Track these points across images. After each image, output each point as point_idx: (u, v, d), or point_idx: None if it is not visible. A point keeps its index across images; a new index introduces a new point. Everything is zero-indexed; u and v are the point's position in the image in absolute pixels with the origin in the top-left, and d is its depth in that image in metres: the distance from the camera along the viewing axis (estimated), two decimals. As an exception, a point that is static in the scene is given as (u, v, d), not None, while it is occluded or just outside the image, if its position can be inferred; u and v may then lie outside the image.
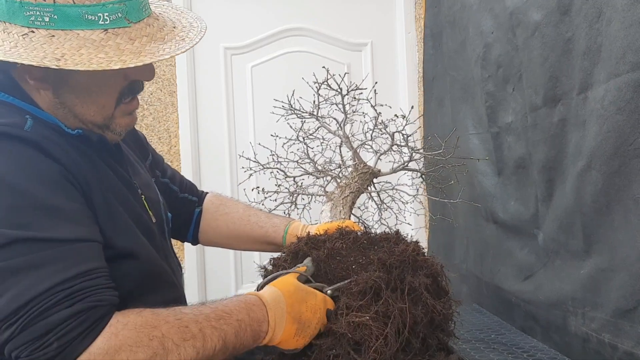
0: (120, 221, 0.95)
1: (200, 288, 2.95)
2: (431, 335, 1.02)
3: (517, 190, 1.77)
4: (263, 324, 0.91)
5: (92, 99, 0.94)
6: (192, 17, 1.04)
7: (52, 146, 0.86)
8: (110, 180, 0.98)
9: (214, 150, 3.02)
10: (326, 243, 1.11)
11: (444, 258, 2.45)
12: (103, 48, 0.85)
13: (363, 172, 1.45)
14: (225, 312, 0.88)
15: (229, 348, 0.87)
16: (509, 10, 1.69)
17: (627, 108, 1.12)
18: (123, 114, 1.00)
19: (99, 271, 0.82)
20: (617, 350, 1.23)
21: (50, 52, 0.82)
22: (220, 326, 0.86)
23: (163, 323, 0.81)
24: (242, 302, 0.92)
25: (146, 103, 2.91)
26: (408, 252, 1.05)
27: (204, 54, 3.00)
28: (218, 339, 0.85)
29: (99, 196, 0.91)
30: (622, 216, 1.20)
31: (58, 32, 0.84)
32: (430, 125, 2.78)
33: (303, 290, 0.98)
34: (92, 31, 0.86)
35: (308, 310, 0.95)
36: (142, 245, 0.99)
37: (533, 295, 1.63)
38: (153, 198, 1.16)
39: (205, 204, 1.46)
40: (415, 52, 3.10)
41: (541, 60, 1.50)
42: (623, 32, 1.12)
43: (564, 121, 1.43)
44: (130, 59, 0.85)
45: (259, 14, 3.04)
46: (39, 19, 0.84)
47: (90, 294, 0.78)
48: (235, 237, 1.43)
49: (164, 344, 0.79)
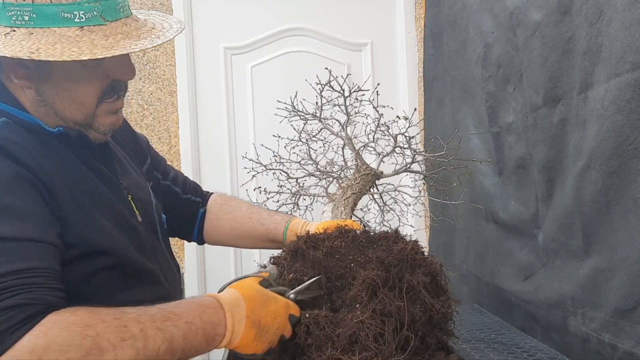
0: (91, 219, 0.95)
1: (200, 288, 2.95)
2: (430, 334, 1.02)
3: (518, 190, 1.77)
4: (218, 327, 0.89)
5: (72, 96, 0.97)
6: (174, 20, 1.07)
7: (14, 148, 0.88)
8: (85, 179, 0.99)
9: (214, 150, 3.02)
10: (325, 242, 1.11)
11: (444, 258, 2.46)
12: (77, 43, 0.89)
13: (365, 174, 1.45)
14: (173, 314, 0.86)
15: (177, 350, 0.84)
16: (509, 10, 1.69)
17: (627, 108, 1.12)
18: (106, 113, 1.03)
19: (37, 271, 0.80)
20: (617, 350, 1.23)
21: (27, 47, 0.87)
22: (166, 327, 0.83)
23: (99, 322, 0.78)
24: (195, 304, 0.90)
25: (146, 103, 2.92)
26: (407, 251, 1.05)
27: (204, 54, 3.00)
28: (162, 340, 0.82)
29: (67, 195, 0.92)
30: (621, 216, 1.20)
31: (36, 30, 0.89)
32: (431, 126, 2.78)
33: (264, 294, 0.96)
34: (68, 28, 0.90)
35: (268, 316, 0.94)
36: (118, 242, 0.99)
37: (533, 295, 1.64)
38: (142, 198, 1.16)
39: (209, 204, 1.48)
40: (415, 52, 3.10)
41: (541, 60, 1.50)
42: (623, 32, 1.12)
43: (564, 121, 1.43)
44: (100, 52, 0.89)
45: (259, 14, 3.04)
46: (20, 19, 0.88)
47: (23, 291, 0.77)
48: (238, 235, 1.44)
49: (99, 343, 0.76)
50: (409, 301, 0.98)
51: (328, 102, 1.57)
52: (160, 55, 2.91)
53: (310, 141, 1.61)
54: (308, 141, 1.60)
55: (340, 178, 1.52)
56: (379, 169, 1.52)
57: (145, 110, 2.92)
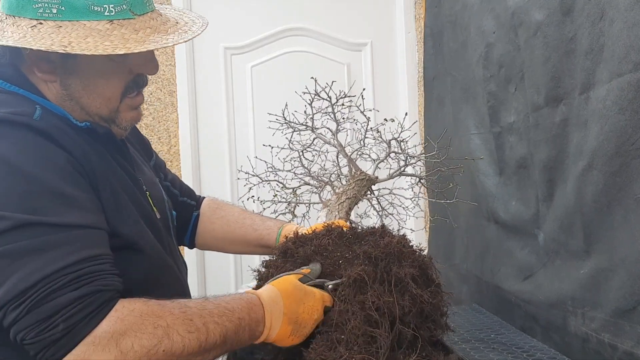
0: (127, 212, 0.97)
1: (200, 288, 2.95)
2: (422, 326, 1.03)
3: (518, 190, 1.77)
4: (260, 324, 0.92)
5: (99, 91, 0.97)
6: (193, 15, 1.07)
7: (61, 135, 0.89)
8: (117, 173, 1.00)
9: (213, 150, 3.02)
10: (313, 240, 1.12)
11: (444, 258, 2.46)
12: (108, 37, 0.89)
13: (360, 179, 1.45)
14: (227, 310, 0.89)
15: (227, 344, 0.88)
16: (510, 10, 1.69)
17: (629, 108, 1.12)
18: (128, 108, 1.03)
19: (104, 257, 0.84)
20: (617, 350, 1.23)
21: (58, 41, 0.86)
22: (223, 322, 0.87)
23: (168, 314, 0.83)
24: (244, 301, 0.93)
25: (146, 103, 2.91)
26: (393, 244, 1.05)
27: (204, 54, 3.00)
28: (220, 334, 0.86)
29: (107, 187, 0.93)
30: (622, 216, 1.20)
31: (65, 23, 0.88)
32: (431, 126, 2.78)
33: (302, 290, 0.98)
34: (97, 22, 0.89)
35: (305, 312, 0.96)
36: (148, 237, 1.01)
37: (533, 295, 1.64)
38: (157, 195, 1.17)
39: (202, 208, 1.48)
40: (415, 52, 3.10)
41: (543, 60, 1.50)
42: (625, 32, 1.12)
43: (565, 121, 1.43)
44: (134, 46, 0.89)
45: (259, 14, 3.03)
46: (47, 11, 0.87)
47: (96, 278, 0.80)
48: (230, 240, 1.44)
49: (169, 334, 0.81)
50: (397, 294, 0.99)
51: (318, 111, 1.57)
52: (160, 55, 2.91)
53: (304, 151, 1.61)
54: (302, 152, 1.60)
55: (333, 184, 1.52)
56: (375, 174, 1.52)
57: (145, 110, 2.90)
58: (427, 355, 1.02)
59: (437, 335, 1.07)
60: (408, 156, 1.48)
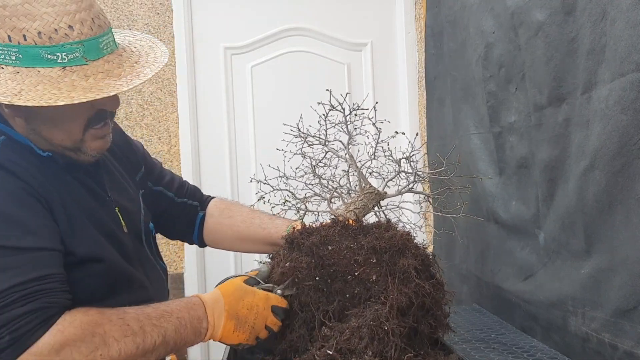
0: (83, 230, 1.03)
1: (200, 288, 2.94)
2: (422, 320, 1.06)
3: (519, 190, 1.77)
4: (203, 321, 1.02)
5: (59, 127, 1.02)
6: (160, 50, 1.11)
7: (16, 167, 0.97)
8: (76, 195, 1.07)
9: (213, 150, 3.02)
10: (320, 231, 1.17)
11: (444, 258, 2.46)
12: (58, 84, 0.93)
13: (369, 192, 1.47)
14: (166, 312, 0.99)
15: (170, 343, 0.97)
16: (510, 10, 1.69)
17: (632, 108, 1.12)
18: (94, 138, 1.07)
19: (53, 276, 0.91)
20: (617, 350, 1.23)
21: (11, 88, 0.92)
22: (161, 324, 0.96)
23: (107, 321, 0.91)
24: (184, 303, 1.04)
25: (146, 103, 2.91)
26: (397, 237, 1.11)
27: (204, 54, 3.00)
28: (158, 335, 0.95)
29: (60, 209, 1.00)
30: (624, 216, 1.20)
31: (22, 69, 0.94)
32: (432, 126, 2.79)
33: (242, 289, 1.08)
34: (51, 69, 0.94)
35: (244, 308, 1.06)
36: (107, 251, 1.07)
37: (533, 295, 1.64)
38: (129, 209, 1.22)
39: (209, 209, 1.51)
40: (416, 52, 3.10)
41: (545, 60, 1.50)
42: (627, 32, 1.12)
43: (567, 121, 1.43)
44: (78, 95, 0.93)
45: (259, 14, 3.03)
46: (7, 58, 0.93)
47: (43, 295, 0.88)
48: (240, 239, 1.48)
49: (106, 340, 0.89)
50: (400, 284, 1.04)
51: (332, 125, 1.57)
52: (160, 54, 2.90)
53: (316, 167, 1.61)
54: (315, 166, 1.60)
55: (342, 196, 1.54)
56: (384, 190, 1.53)
57: (145, 110, 2.91)
58: (426, 353, 1.03)
59: (437, 333, 1.08)
60: (417, 176, 1.50)
